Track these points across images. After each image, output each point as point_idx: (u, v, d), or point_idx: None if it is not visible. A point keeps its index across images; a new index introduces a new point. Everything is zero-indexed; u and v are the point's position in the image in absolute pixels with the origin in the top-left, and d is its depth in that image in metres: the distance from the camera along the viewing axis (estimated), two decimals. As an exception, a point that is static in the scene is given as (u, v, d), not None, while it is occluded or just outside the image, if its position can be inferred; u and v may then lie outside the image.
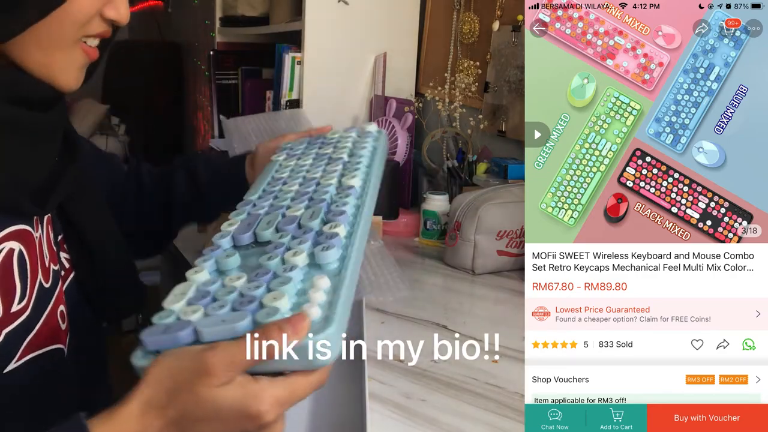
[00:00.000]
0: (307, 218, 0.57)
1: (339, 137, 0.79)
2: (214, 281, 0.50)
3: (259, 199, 0.65)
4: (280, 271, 0.50)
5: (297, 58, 1.57)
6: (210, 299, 0.49)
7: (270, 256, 0.52)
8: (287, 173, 0.71)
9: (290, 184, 0.67)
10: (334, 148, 0.75)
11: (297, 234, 0.55)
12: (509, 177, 1.31)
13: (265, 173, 0.73)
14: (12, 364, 0.57)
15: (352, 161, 0.70)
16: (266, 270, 0.50)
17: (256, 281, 0.49)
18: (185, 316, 0.47)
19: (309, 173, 0.69)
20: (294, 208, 0.60)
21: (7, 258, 0.56)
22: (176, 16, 2.70)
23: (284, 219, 0.58)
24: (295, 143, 0.80)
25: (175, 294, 0.49)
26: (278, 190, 0.66)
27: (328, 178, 0.66)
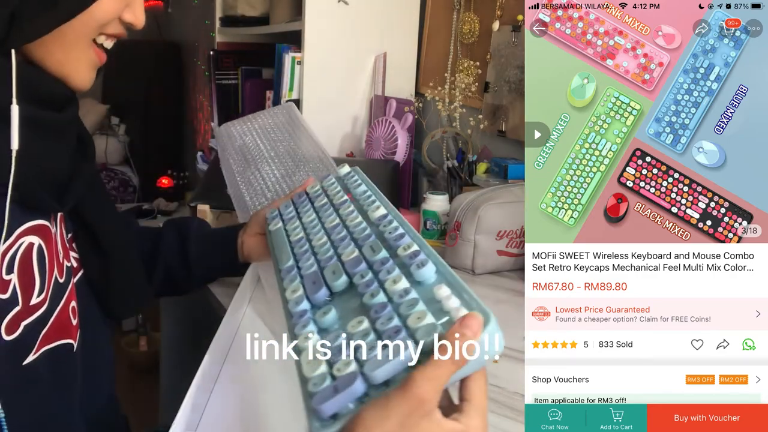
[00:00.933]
0: (371, 254, 0.57)
1: (321, 188, 0.80)
2: (335, 336, 0.48)
3: (299, 262, 0.63)
4: (396, 298, 0.49)
5: (297, 58, 1.57)
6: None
7: (372, 293, 0.51)
8: (302, 233, 0.70)
9: (317, 239, 0.66)
10: (327, 197, 0.76)
11: (376, 268, 0.54)
12: (509, 177, 1.31)
13: (278, 243, 0.72)
14: (30, 356, 0.58)
15: (359, 198, 0.71)
16: (382, 304, 0.49)
17: (382, 316, 0.47)
18: (342, 372, 0.44)
19: (326, 224, 0.69)
20: (347, 253, 0.59)
21: (27, 252, 0.58)
22: (176, 16, 2.70)
23: (348, 263, 0.57)
24: (282, 207, 0.80)
25: (308, 363, 0.46)
26: (309, 248, 0.65)
27: (351, 219, 0.66)
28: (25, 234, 0.58)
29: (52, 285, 0.61)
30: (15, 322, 0.56)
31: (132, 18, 0.63)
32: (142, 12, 0.64)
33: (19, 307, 0.56)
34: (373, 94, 1.62)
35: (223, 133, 1.22)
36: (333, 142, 1.61)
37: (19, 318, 0.57)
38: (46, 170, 0.60)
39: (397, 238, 0.58)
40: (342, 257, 0.60)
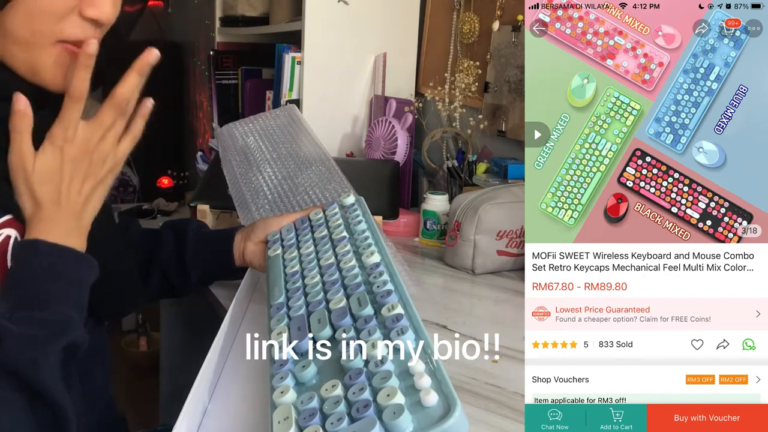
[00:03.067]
0: (357, 307, 0.58)
1: (323, 217, 0.81)
2: (309, 397, 0.50)
3: (290, 300, 0.65)
4: (372, 367, 0.50)
5: (297, 58, 1.57)
6: (319, 417, 0.48)
7: (349, 355, 0.52)
8: (297, 266, 0.72)
9: (310, 277, 0.68)
10: (328, 229, 0.77)
11: (359, 325, 0.56)
12: (509, 177, 1.31)
13: (274, 272, 0.74)
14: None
15: (358, 237, 0.72)
16: (357, 371, 0.50)
17: (355, 385, 0.49)
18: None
19: (322, 261, 0.70)
20: (336, 300, 0.61)
21: (3, 244, 0.58)
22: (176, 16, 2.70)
23: (335, 313, 0.59)
24: (284, 231, 0.82)
25: (279, 422, 0.48)
26: (302, 286, 0.67)
27: (346, 261, 0.67)
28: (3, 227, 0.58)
29: None
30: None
31: (95, 12, 0.58)
32: (109, 4, 0.59)
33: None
34: (373, 94, 1.62)
35: (225, 133, 1.21)
36: (333, 142, 1.61)
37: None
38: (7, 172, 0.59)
39: (384, 295, 0.58)
40: (330, 304, 0.61)
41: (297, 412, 0.49)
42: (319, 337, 0.57)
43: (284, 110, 1.30)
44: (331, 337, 0.57)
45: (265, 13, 1.89)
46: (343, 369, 0.52)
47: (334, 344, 0.56)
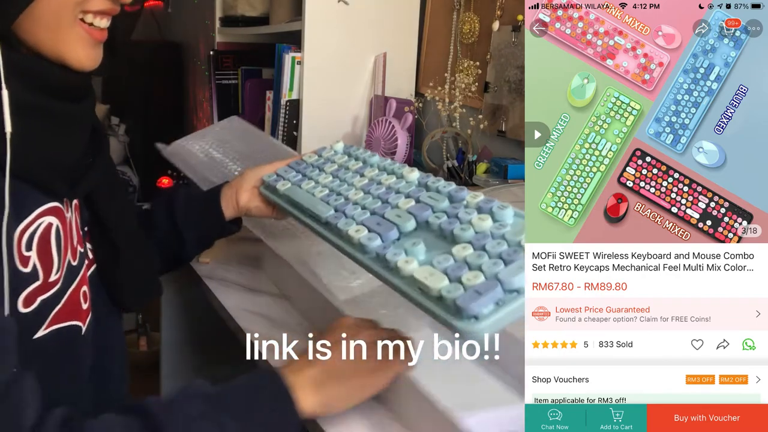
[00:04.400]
0: (435, 202, 0.63)
1: (325, 158, 0.83)
2: (445, 258, 0.55)
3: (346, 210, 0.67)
4: (495, 230, 0.56)
5: (297, 58, 1.57)
6: (467, 267, 0.53)
7: (462, 228, 0.57)
8: (326, 191, 0.74)
9: (352, 193, 0.70)
10: (336, 164, 0.79)
11: (450, 212, 0.61)
12: (509, 177, 1.31)
13: (302, 197, 0.75)
14: (40, 332, 0.60)
15: (381, 164, 0.75)
16: (481, 234, 0.56)
17: (488, 242, 0.55)
18: (473, 282, 0.51)
19: (355, 182, 0.72)
20: (403, 202, 0.65)
21: (46, 231, 0.60)
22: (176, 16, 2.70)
23: (413, 208, 0.63)
24: (281, 171, 0.83)
25: (429, 276, 0.53)
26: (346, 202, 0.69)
27: (385, 179, 0.70)
28: (45, 214, 0.60)
29: (66, 266, 0.63)
30: (33, 296, 0.58)
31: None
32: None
33: (39, 282, 0.59)
34: (373, 94, 1.62)
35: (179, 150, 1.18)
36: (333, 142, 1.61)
37: (36, 293, 0.59)
38: (58, 158, 0.62)
39: (458, 190, 0.64)
40: (399, 205, 0.64)
41: (438, 269, 0.54)
42: (405, 228, 0.61)
43: (230, 122, 1.28)
44: (417, 227, 0.61)
45: (265, 13, 1.88)
46: (461, 239, 0.57)
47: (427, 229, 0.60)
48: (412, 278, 0.55)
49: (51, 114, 0.61)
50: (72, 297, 0.63)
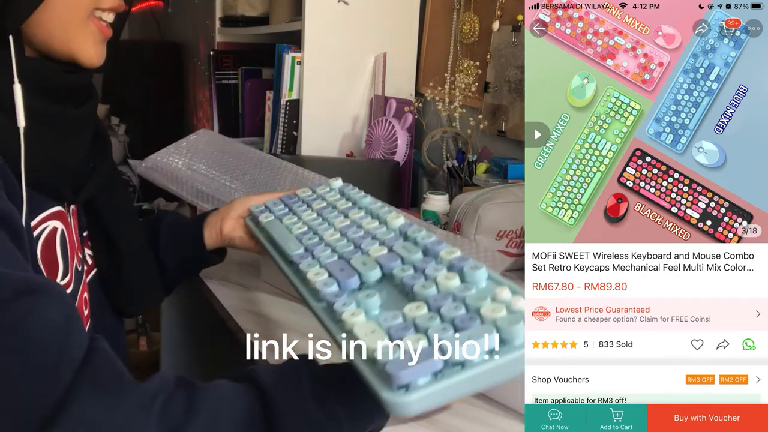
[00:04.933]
0: (407, 254, 0.58)
1: (314, 194, 0.79)
2: (393, 316, 0.49)
3: (314, 251, 0.63)
4: (458, 293, 0.50)
5: (297, 58, 1.57)
6: (413, 330, 0.48)
7: (423, 285, 0.52)
8: (305, 227, 0.70)
9: (328, 234, 0.66)
10: (326, 202, 0.76)
11: (419, 266, 0.55)
12: (509, 177, 1.31)
13: (278, 231, 0.71)
14: None
15: (370, 208, 0.71)
16: (442, 295, 0.50)
17: (446, 305, 0.49)
18: (413, 346, 0.45)
19: (336, 223, 0.69)
20: (374, 250, 0.60)
21: (51, 236, 0.60)
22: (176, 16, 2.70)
23: (383, 257, 0.58)
24: (270, 204, 0.80)
25: (369, 334, 0.48)
26: (320, 241, 0.65)
27: (368, 222, 0.66)
28: (49, 219, 0.60)
29: (74, 271, 0.62)
30: None
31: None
32: None
33: None
34: (373, 94, 1.62)
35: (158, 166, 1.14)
36: (333, 142, 1.61)
37: None
38: (62, 162, 0.62)
39: (436, 243, 0.58)
40: (369, 253, 0.60)
41: (382, 327, 0.48)
42: (368, 278, 0.56)
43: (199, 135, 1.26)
44: (382, 278, 0.57)
45: (265, 13, 1.88)
46: (420, 297, 0.51)
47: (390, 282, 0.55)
48: (352, 333, 0.49)
49: (55, 117, 0.61)
50: (78, 303, 0.63)
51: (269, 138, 1.73)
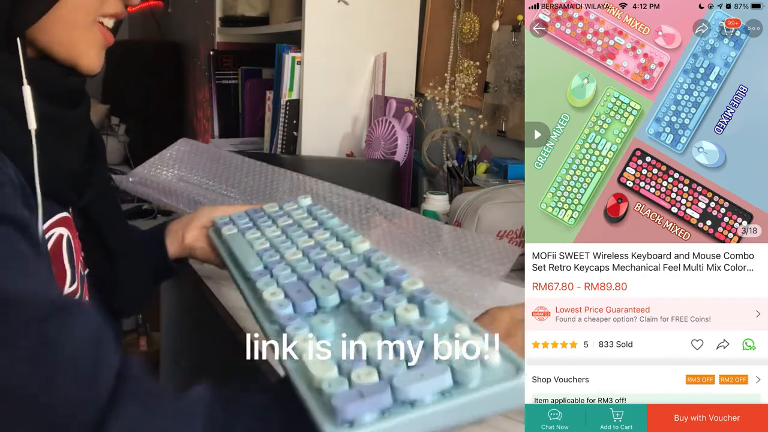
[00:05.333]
0: (368, 280, 0.56)
1: (281, 211, 0.77)
2: (343, 344, 0.47)
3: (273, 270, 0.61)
4: (416, 326, 0.48)
5: (297, 58, 1.57)
6: (365, 362, 0.46)
7: (381, 315, 0.50)
8: (267, 244, 0.68)
9: (290, 253, 0.64)
10: (292, 219, 0.74)
11: (379, 294, 0.54)
12: (509, 177, 1.31)
13: (239, 246, 0.69)
14: None
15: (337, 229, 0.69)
16: (398, 327, 0.49)
17: (401, 337, 0.47)
18: (363, 380, 0.43)
19: (299, 243, 0.67)
20: (335, 273, 0.58)
21: (58, 243, 0.60)
22: (176, 16, 2.70)
23: (343, 282, 0.56)
24: (234, 217, 0.78)
25: (317, 364, 0.46)
26: (281, 260, 0.63)
27: (332, 245, 0.65)
28: (56, 225, 0.60)
29: (80, 276, 0.63)
30: None
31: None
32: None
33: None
34: (373, 94, 1.62)
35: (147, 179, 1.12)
36: (333, 142, 1.61)
37: None
38: (64, 165, 0.61)
39: (398, 273, 0.56)
40: (330, 276, 0.58)
41: (333, 357, 0.46)
42: (325, 302, 0.54)
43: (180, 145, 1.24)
44: (340, 303, 0.55)
45: (265, 13, 1.88)
46: (376, 327, 0.50)
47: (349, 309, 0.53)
48: (301, 360, 0.47)
49: (55, 121, 0.60)
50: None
51: (269, 138, 1.73)
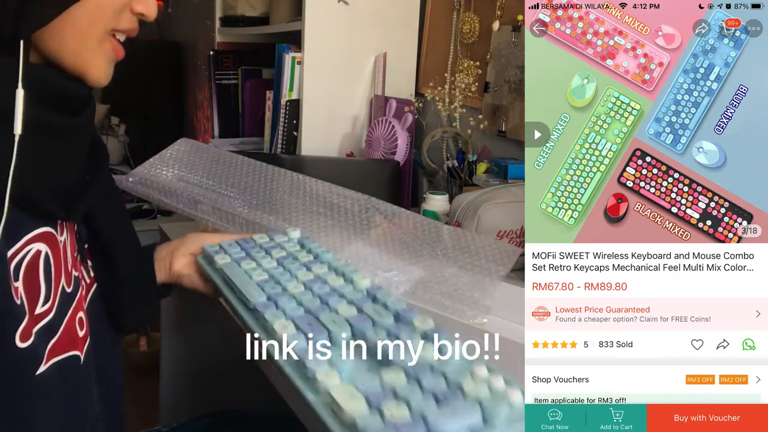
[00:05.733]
0: (378, 317, 0.57)
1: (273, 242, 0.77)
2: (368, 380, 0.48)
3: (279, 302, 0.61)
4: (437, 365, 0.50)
5: (297, 58, 1.57)
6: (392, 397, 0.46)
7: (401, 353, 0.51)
8: (265, 275, 0.68)
9: (292, 287, 0.64)
10: (285, 251, 0.74)
11: (393, 332, 0.55)
12: (509, 177, 1.31)
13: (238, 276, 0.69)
14: (41, 367, 0.57)
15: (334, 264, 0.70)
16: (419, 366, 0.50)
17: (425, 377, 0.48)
18: (395, 416, 0.44)
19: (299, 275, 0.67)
20: (343, 308, 0.59)
21: (34, 259, 0.57)
22: (176, 16, 2.70)
23: (354, 318, 0.57)
24: (225, 245, 0.77)
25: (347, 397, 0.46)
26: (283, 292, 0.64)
27: (333, 279, 0.65)
28: (33, 241, 0.57)
29: (59, 294, 0.60)
30: (28, 329, 0.55)
31: (143, 8, 0.63)
32: (153, 2, 0.64)
33: (27, 316, 0.55)
34: (373, 94, 1.62)
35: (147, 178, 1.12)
36: (333, 142, 1.61)
37: (29, 325, 0.55)
38: (55, 178, 0.59)
39: (407, 311, 0.58)
40: (339, 311, 0.58)
41: (359, 391, 0.47)
42: (338, 337, 0.55)
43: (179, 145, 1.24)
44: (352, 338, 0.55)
45: (265, 13, 1.89)
46: (396, 365, 0.50)
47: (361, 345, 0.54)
48: (329, 395, 0.47)
49: (48, 128, 0.57)
50: (68, 326, 0.60)
51: (269, 138, 1.73)
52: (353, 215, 1.03)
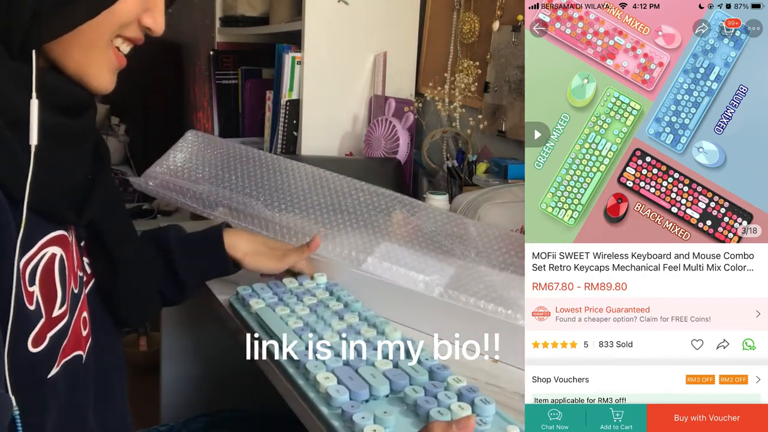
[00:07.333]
0: (414, 372, 0.61)
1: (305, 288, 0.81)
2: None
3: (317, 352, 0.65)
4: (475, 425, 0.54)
5: (297, 58, 1.57)
6: None
7: (439, 411, 0.56)
8: (300, 323, 0.72)
9: (328, 336, 0.68)
10: (316, 299, 0.78)
11: (430, 389, 0.59)
12: (509, 177, 1.31)
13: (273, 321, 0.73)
14: (54, 370, 0.57)
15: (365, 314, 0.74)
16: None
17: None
18: None
19: (333, 324, 0.71)
20: (380, 362, 0.63)
21: (50, 263, 0.57)
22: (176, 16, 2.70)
23: (391, 373, 0.61)
24: (257, 288, 0.82)
25: None
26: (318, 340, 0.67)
27: (366, 330, 0.69)
28: (48, 245, 0.57)
29: (70, 296, 0.60)
30: (41, 334, 0.55)
31: (151, 23, 0.63)
32: (162, 18, 0.64)
33: (43, 320, 0.55)
34: (373, 94, 1.62)
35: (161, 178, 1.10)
36: (333, 142, 1.61)
37: (44, 330, 0.56)
38: (66, 182, 0.59)
39: (441, 368, 0.61)
40: (376, 365, 0.62)
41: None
42: (378, 392, 0.58)
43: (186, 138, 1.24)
44: (390, 393, 0.59)
45: (265, 13, 1.89)
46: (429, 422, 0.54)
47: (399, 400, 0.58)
48: None
49: (58, 132, 0.58)
50: (75, 327, 0.61)
51: (269, 138, 1.73)
52: (377, 211, 1.02)
